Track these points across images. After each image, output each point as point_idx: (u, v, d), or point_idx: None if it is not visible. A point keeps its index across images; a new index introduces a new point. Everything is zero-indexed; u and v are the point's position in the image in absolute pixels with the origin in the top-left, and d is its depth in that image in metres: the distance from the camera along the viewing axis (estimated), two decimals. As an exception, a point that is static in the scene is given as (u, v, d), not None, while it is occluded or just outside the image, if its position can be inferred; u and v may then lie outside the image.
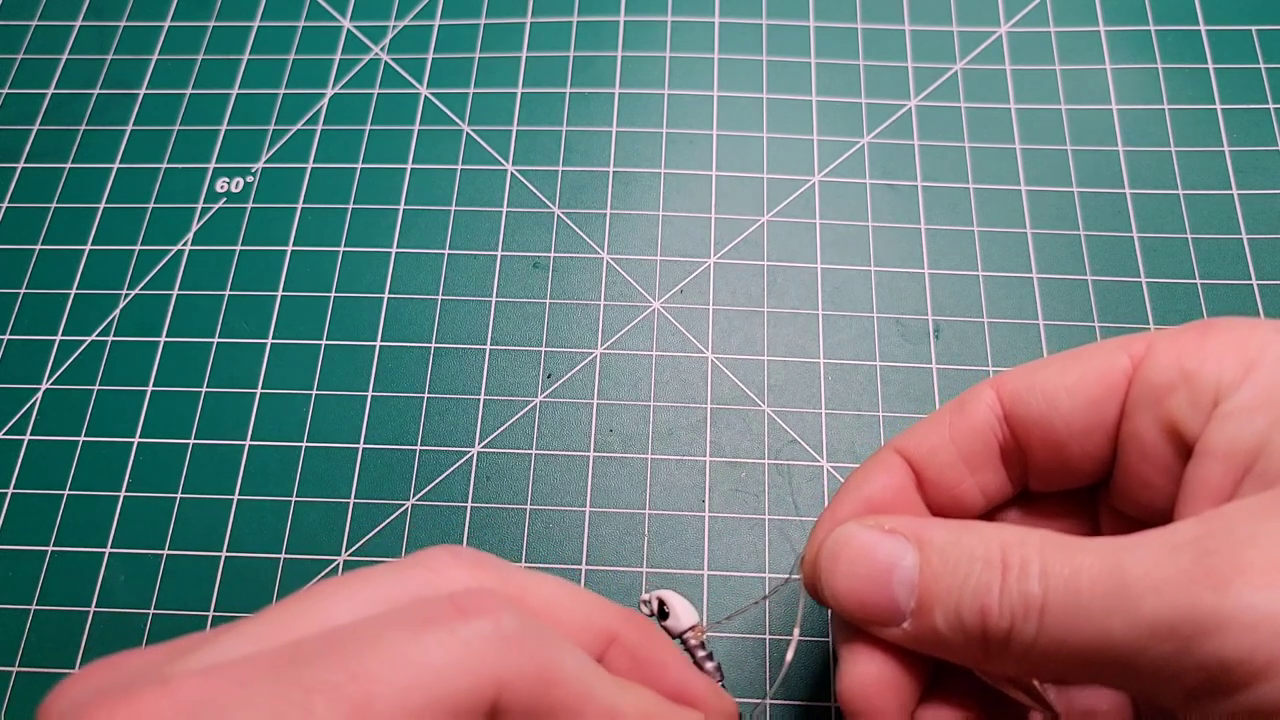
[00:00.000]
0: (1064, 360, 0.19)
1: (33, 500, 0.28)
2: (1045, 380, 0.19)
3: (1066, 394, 0.19)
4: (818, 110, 0.33)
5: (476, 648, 0.14)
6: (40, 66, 0.35)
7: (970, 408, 0.20)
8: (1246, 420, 0.16)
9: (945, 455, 0.20)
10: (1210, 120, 0.32)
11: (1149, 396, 0.18)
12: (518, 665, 0.15)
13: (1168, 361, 0.18)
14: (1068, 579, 0.15)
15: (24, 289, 0.31)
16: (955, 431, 0.20)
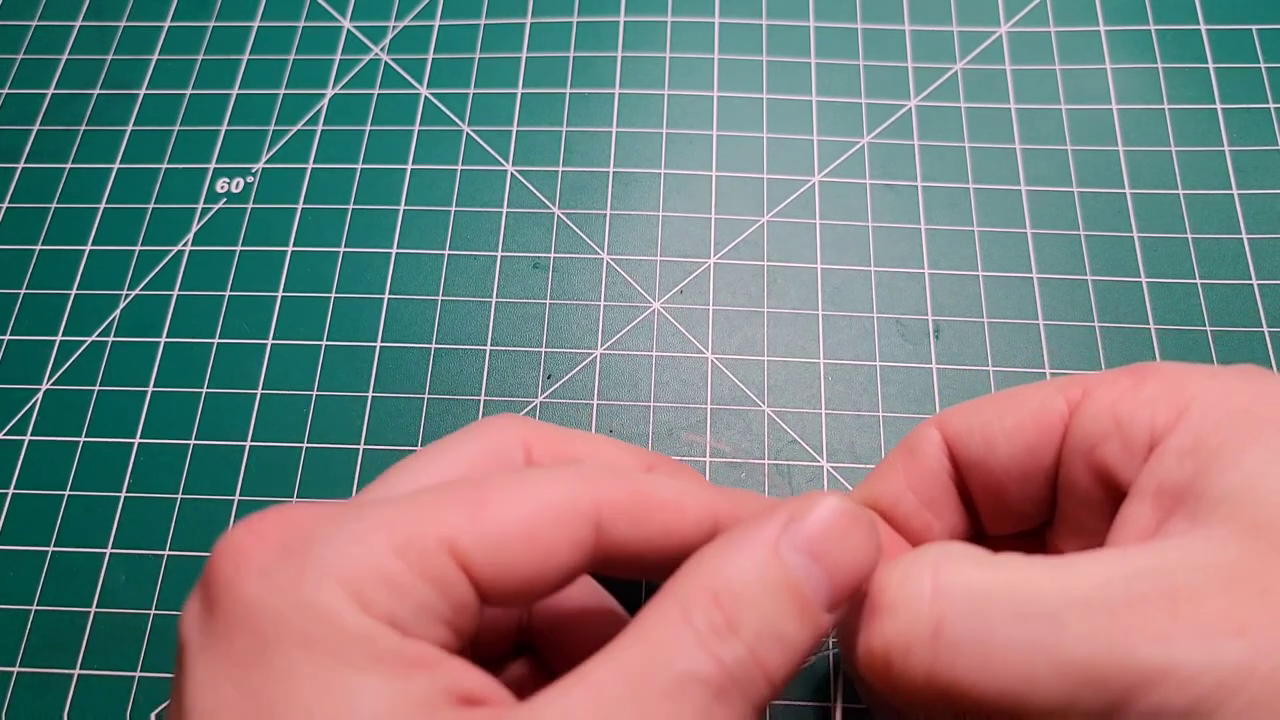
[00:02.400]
0: (1003, 402, 0.19)
1: (33, 501, 0.28)
2: (984, 423, 0.19)
3: (1004, 437, 0.19)
4: (817, 110, 0.33)
5: (572, 479, 0.16)
6: (40, 66, 0.35)
7: (920, 452, 0.20)
8: (1176, 463, 0.16)
9: (908, 505, 0.20)
10: (1210, 120, 0.32)
11: (1083, 443, 0.18)
12: (610, 487, 0.16)
13: (1102, 408, 0.18)
14: (971, 599, 0.14)
15: (24, 289, 0.31)
16: (911, 478, 0.20)
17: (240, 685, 0.14)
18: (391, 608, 0.14)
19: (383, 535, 0.15)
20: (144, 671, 0.26)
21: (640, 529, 0.16)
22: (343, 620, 0.14)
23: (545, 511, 0.16)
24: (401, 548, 0.15)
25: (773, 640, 0.15)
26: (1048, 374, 0.29)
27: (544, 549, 0.15)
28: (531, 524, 0.15)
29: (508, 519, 0.15)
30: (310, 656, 0.14)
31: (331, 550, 0.15)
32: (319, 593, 0.14)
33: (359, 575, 0.14)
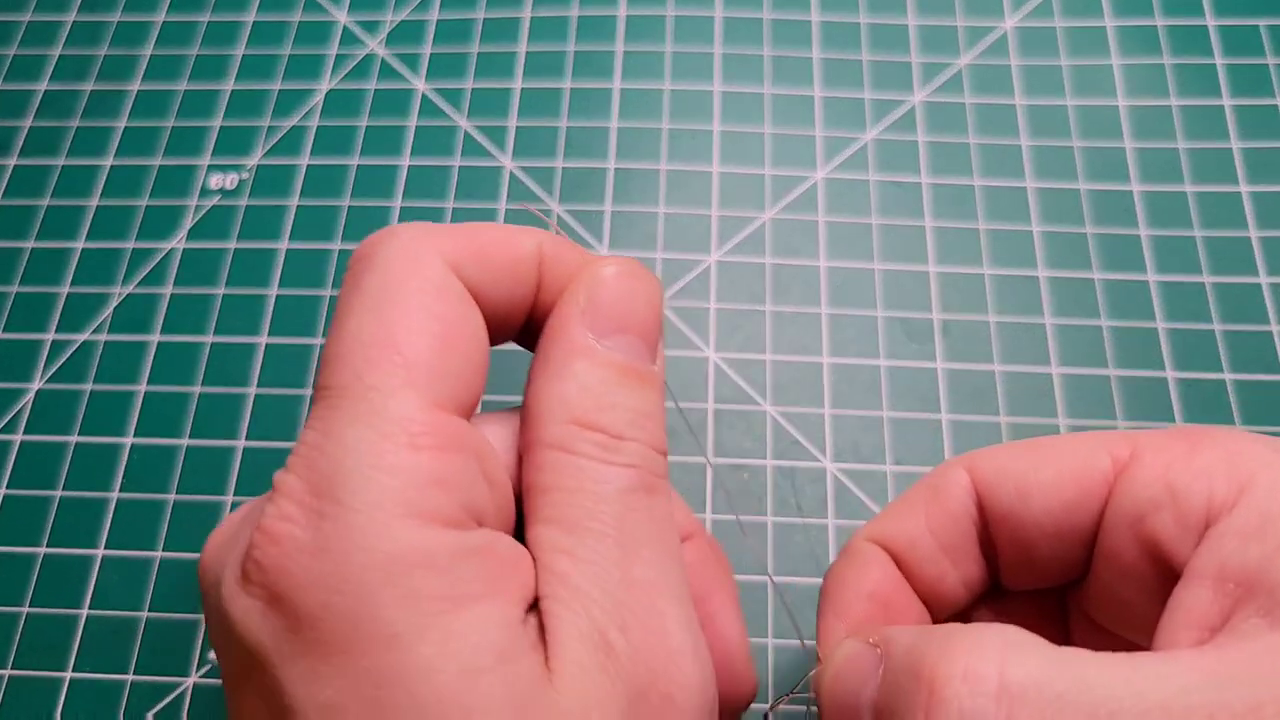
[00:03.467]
0: (1041, 452, 0.18)
1: (24, 501, 0.28)
2: (1020, 474, 0.18)
3: (1040, 491, 0.18)
4: (821, 106, 0.33)
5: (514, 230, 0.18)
6: (32, 62, 0.35)
7: (946, 494, 0.19)
8: (1240, 546, 0.15)
9: (925, 548, 0.19)
10: (1218, 116, 0.32)
11: (1131, 511, 0.17)
12: (446, 233, 0.17)
13: (1153, 475, 0.16)
14: (1040, 698, 0.14)
15: (15, 287, 0.31)
16: (933, 521, 0.19)
17: (349, 673, 0.13)
18: (453, 503, 0.15)
19: (381, 441, 0.14)
20: (136, 674, 0.26)
21: (484, 260, 0.17)
22: (412, 550, 0.14)
23: (425, 297, 0.16)
24: (407, 442, 0.14)
25: (644, 418, 0.16)
26: (1053, 373, 0.28)
27: (460, 327, 0.16)
28: (431, 318, 0.16)
29: (419, 334, 0.16)
30: (405, 611, 0.13)
31: (364, 487, 0.14)
32: (379, 542, 0.14)
33: (411, 499, 0.14)
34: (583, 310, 0.17)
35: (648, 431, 0.16)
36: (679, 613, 0.15)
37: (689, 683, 0.15)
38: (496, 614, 0.14)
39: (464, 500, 0.15)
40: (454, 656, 0.13)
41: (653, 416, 0.17)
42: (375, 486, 0.14)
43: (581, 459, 0.16)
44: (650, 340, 0.17)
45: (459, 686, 0.13)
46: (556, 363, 0.17)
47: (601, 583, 0.15)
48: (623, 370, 0.17)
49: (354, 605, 0.13)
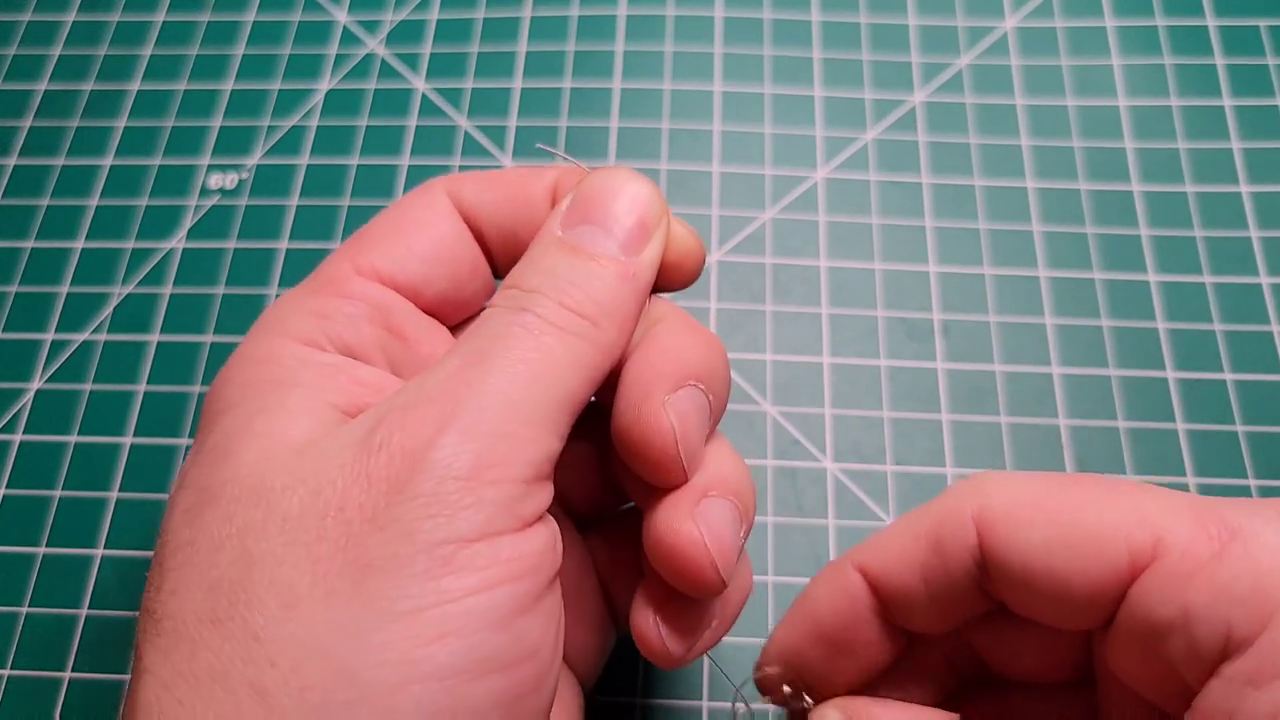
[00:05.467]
0: (1055, 530, 0.16)
1: (24, 501, 0.28)
2: (1031, 553, 0.16)
3: (1047, 576, 0.16)
4: (821, 106, 0.33)
5: (426, 184, 0.20)
6: (32, 61, 0.34)
7: (949, 552, 0.17)
8: (1252, 695, 0.14)
9: (918, 598, 0.17)
10: (1218, 116, 0.32)
11: (1143, 627, 0.15)
12: (459, 176, 0.20)
13: (1170, 591, 0.15)
14: None
15: (15, 287, 0.31)
16: (931, 576, 0.17)
17: (200, 459, 0.17)
18: (318, 330, 0.18)
19: (301, 289, 0.19)
20: (135, 676, 0.26)
21: (491, 191, 0.20)
22: (267, 351, 0.17)
23: (408, 205, 0.20)
24: (315, 289, 0.19)
25: (572, 285, 0.17)
26: (1054, 373, 0.28)
27: (422, 226, 0.19)
28: (399, 217, 0.19)
29: (383, 226, 0.19)
30: (248, 394, 0.17)
31: (266, 318, 0.18)
32: (256, 349, 0.18)
33: (286, 321, 0.18)
34: (561, 212, 0.18)
35: (571, 296, 0.17)
36: (475, 402, 0.15)
37: (447, 457, 0.15)
38: (309, 402, 0.17)
39: (334, 333, 0.18)
40: (258, 428, 0.16)
41: (587, 286, 0.17)
42: (272, 314, 0.18)
43: (490, 310, 0.17)
44: (616, 231, 0.18)
45: (259, 454, 0.16)
46: (527, 250, 0.18)
47: (417, 384, 0.16)
48: (569, 248, 0.18)
49: (217, 386, 0.18)
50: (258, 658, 0.14)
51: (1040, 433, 0.28)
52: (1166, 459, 0.27)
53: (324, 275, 0.19)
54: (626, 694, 0.25)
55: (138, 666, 0.15)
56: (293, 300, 0.19)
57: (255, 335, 0.18)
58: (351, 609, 0.14)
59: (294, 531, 0.15)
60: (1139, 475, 0.27)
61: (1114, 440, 0.27)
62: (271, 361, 0.17)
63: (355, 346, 0.18)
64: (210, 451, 0.16)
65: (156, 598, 0.16)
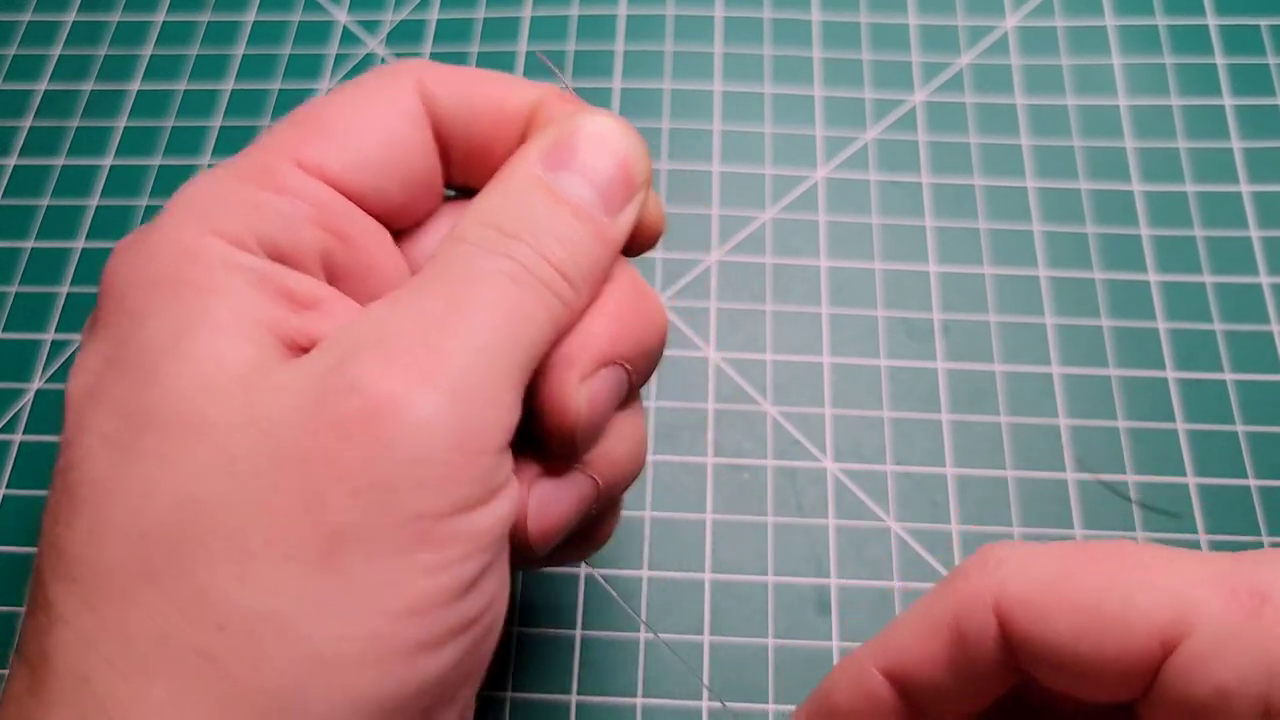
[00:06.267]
0: (1079, 618, 0.15)
1: (24, 501, 0.28)
2: (1057, 643, 0.15)
3: (1075, 664, 0.15)
4: (821, 105, 0.33)
5: (390, 66, 0.18)
6: (32, 61, 0.34)
7: (972, 644, 0.16)
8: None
9: (946, 689, 0.16)
10: (1219, 115, 0.32)
11: (1180, 704, 0.14)
12: (433, 66, 0.18)
13: (1202, 671, 0.14)
14: None
15: (15, 287, 0.31)
16: (956, 668, 0.16)
17: (120, 375, 0.14)
18: (246, 228, 0.15)
19: (230, 173, 0.16)
20: (136, 676, 0.26)
21: (466, 98, 0.18)
22: (185, 247, 0.15)
23: (369, 92, 0.17)
24: (247, 177, 0.16)
25: (556, 241, 0.16)
26: (1054, 373, 0.28)
27: (383, 125, 0.17)
28: (356, 107, 0.17)
29: (338, 115, 0.17)
30: (167, 298, 0.15)
31: (184, 202, 0.16)
32: (172, 238, 0.15)
33: (211, 211, 0.15)
34: (543, 148, 0.17)
35: (554, 252, 0.16)
36: (461, 359, 0.14)
37: (430, 417, 0.14)
38: (239, 318, 0.15)
39: (264, 232, 0.16)
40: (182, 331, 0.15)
41: (568, 244, 0.16)
42: (191, 197, 0.16)
43: (465, 245, 0.16)
44: (599, 185, 0.17)
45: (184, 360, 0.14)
46: (497, 178, 0.17)
47: (386, 317, 0.15)
48: (552, 195, 0.16)
49: (123, 273, 0.16)
50: (204, 619, 0.13)
51: (1040, 432, 0.27)
52: (1167, 459, 0.27)
53: (257, 160, 0.16)
54: (628, 694, 0.25)
55: (44, 608, 0.14)
56: (217, 184, 0.16)
57: (170, 220, 0.16)
58: (315, 577, 0.13)
59: (245, 478, 0.13)
60: (1139, 475, 0.27)
61: (1114, 440, 0.27)
62: (191, 260, 0.15)
63: (289, 252, 0.16)
64: (133, 369, 0.14)
65: (67, 533, 0.14)
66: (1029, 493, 0.27)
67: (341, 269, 0.17)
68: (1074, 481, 0.27)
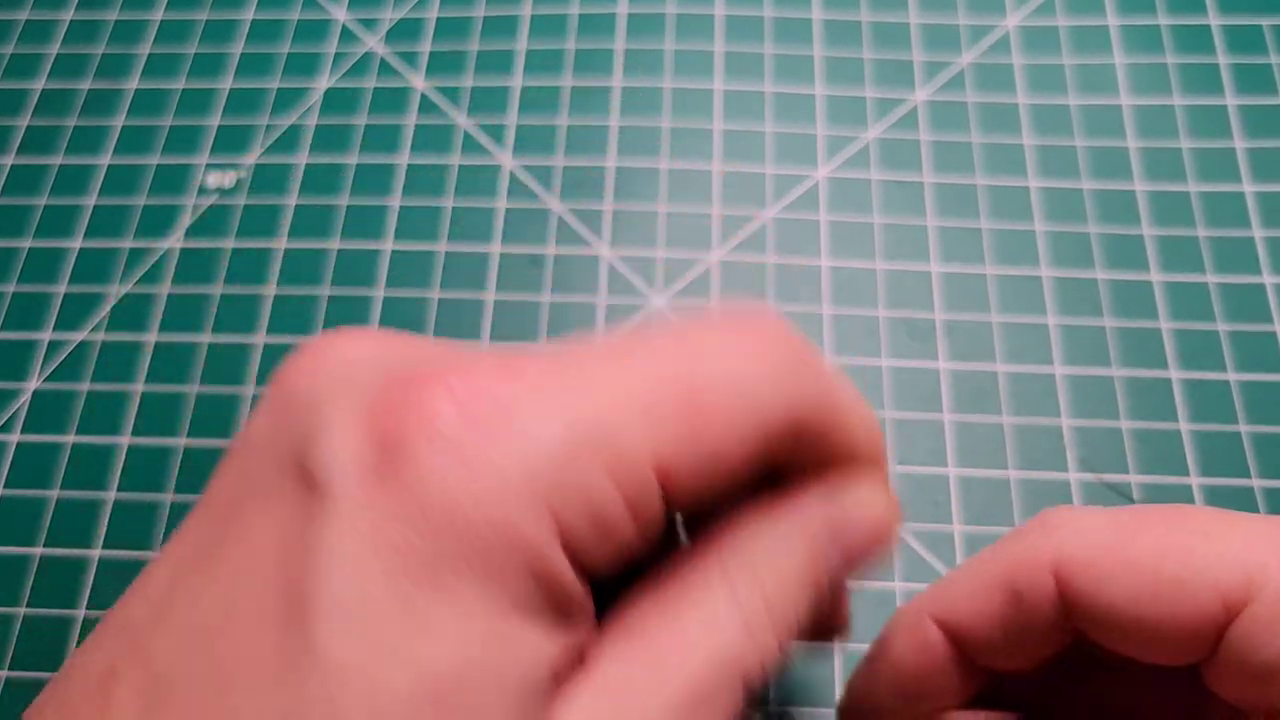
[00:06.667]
0: (1140, 580, 0.15)
1: (21, 502, 0.27)
2: (1118, 606, 0.15)
3: (1137, 627, 0.15)
4: (822, 105, 0.32)
5: (786, 367, 0.15)
6: (29, 60, 0.34)
7: (1029, 604, 0.16)
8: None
9: (1001, 646, 0.17)
10: (1221, 115, 0.32)
11: (1245, 668, 0.14)
12: (811, 379, 0.15)
13: (1267, 635, 0.14)
14: None
15: (12, 286, 0.30)
16: (1011, 627, 0.16)
17: (392, 584, 0.11)
18: (592, 555, 0.13)
19: (596, 448, 0.12)
20: (132, 678, 0.25)
21: (815, 448, 0.15)
22: (539, 562, 0.12)
23: (761, 415, 0.14)
24: (614, 468, 0.12)
25: (787, 628, 0.15)
26: (1057, 373, 0.28)
27: (748, 461, 0.14)
28: (745, 435, 0.14)
29: (721, 433, 0.13)
30: (492, 599, 0.12)
31: (539, 449, 0.12)
32: (521, 518, 0.12)
33: (571, 509, 0.12)
34: (836, 526, 0.16)
35: (784, 635, 0.15)
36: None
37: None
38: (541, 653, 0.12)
39: (588, 540, 0.13)
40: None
41: (793, 628, 0.15)
42: (551, 467, 0.13)
43: (733, 606, 0.14)
44: (852, 568, 0.16)
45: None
46: (784, 529, 0.15)
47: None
48: (817, 586, 0.15)
49: (450, 532, 0.12)
50: None
51: (1043, 433, 0.27)
52: (1170, 459, 0.27)
53: (617, 443, 0.13)
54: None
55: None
56: (577, 458, 0.12)
57: (514, 469, 0.12)
58: None
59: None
60: (1142, 475, 0.27)
61: (1117, 440, 0.27)
62: (507, 545, 0.12)
63: (585, 559, 0.13)
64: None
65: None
66: (1031, 493, 0.27)
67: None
68: (1077, 482, 0.27)
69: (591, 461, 0.12)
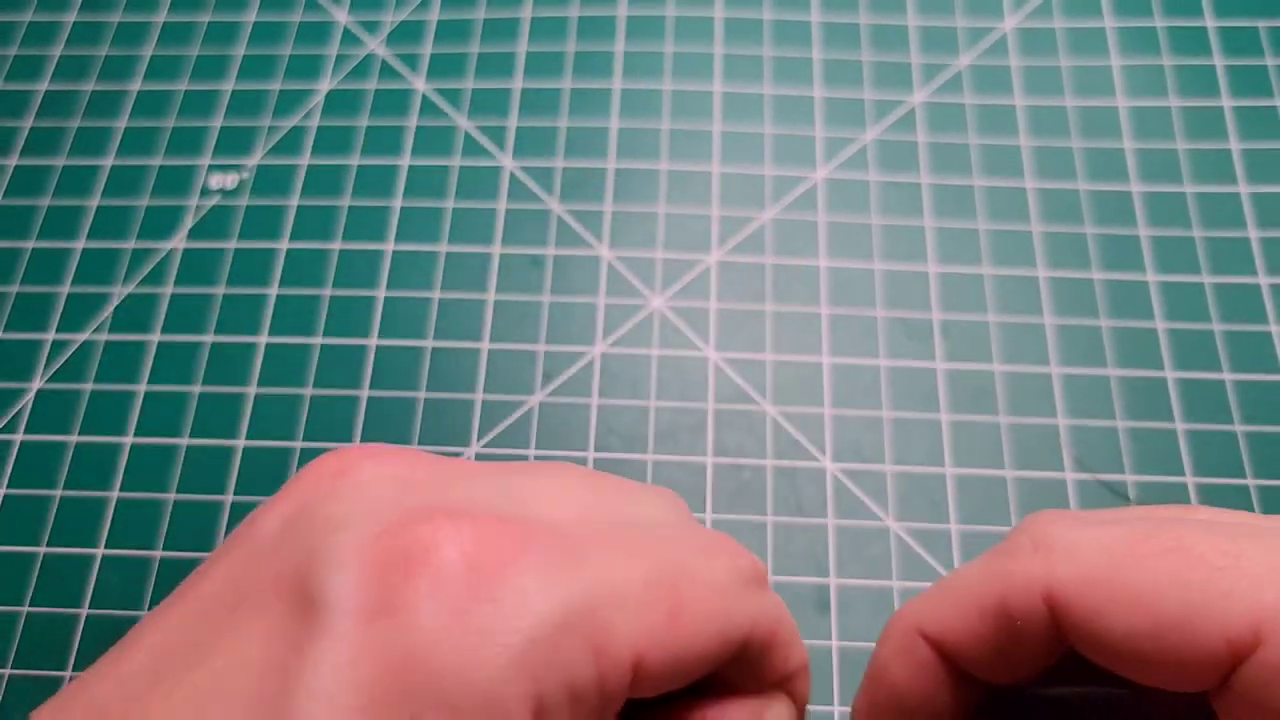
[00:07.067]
0: (1139, 619, 0.14)
1: (24, 501, 0.28)
2: (1114, 642, 0.14)
3: (1135, 663, 0.14)
4: (821, 106, 0.33)
5: (756, 594, 0.15)
6: (32, 62, 0.35)
7: (1022, 629, 0.15)
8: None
9: (996, 664, 0.16)
10: (1217, 116, 0.32)
11: (1253, 709, 0.14)
12: (768, 604, 0.15)
13: (1277, 683, 0.13)
14: None
15: (16, 287, 0.31)
16: (1004, 648, 0.16)
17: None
18: (559, 706, 0.13)
19: (583, 635, 0.13)
20: (135, 675, 0.26)
21: (758, 658, 0.15)
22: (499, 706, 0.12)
23: (728, 632, 0.14)
24: (599, 651, 0.13)
25: None
26: (1053, 373, 0.28)
27: (709, 665, 0.14)
28: (713, 644, 0.14)
29: (695, 640, 0.14)
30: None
31: (530, 622, 0.12)
32: (504, 684, 0.12)
33: (550, 684, 0.12)
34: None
35: None
36: None
37: None
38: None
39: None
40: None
41: None
42: (540, 644, 0.13)
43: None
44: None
45: None
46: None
47: None
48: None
49: (433, 692, 0.12)
50: None
51: (1039, 432, 0.28)
52: (1166, 459, 0.27)
53: (596, 627, 0.13)
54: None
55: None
56: (571, 638, 0.13)
57: (498, 648, 0.12)
58: None
59: None
60: (1138, 475, 0.27)
61: (1113, 440, 0.27)
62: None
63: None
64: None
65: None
66: (1028, 492, 0.27)
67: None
68: (1073, 481, 0.27)
69: (579, 643, 0.13)
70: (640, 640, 0.13)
